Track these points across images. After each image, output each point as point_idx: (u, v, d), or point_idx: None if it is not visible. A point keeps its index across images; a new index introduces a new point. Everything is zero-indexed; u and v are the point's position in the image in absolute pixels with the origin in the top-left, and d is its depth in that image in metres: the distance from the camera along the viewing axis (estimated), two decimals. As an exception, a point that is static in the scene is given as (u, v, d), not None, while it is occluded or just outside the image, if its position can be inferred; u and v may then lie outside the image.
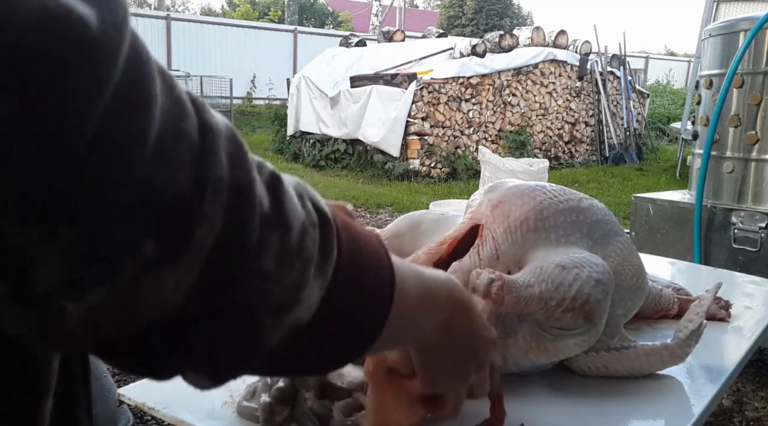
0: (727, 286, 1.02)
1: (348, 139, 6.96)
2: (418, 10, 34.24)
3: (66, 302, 0.25)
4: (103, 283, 0.25)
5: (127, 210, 0.25)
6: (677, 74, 16.54)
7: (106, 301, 0.25)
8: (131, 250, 0.25)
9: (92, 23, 0.22)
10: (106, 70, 0.23)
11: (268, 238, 0.30)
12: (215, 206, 0.27)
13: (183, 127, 0.27)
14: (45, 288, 0.24)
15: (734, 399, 2.08)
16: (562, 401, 0.71)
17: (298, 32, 14.55)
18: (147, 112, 0.25)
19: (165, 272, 0.27)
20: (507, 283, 0.64)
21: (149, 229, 0.25)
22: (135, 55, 0.25)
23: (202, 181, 0.27)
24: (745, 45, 2.22)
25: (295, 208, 0.33)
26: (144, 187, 0.25)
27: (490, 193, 0.79)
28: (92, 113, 0.23)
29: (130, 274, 0.25)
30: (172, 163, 0.26)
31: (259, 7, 24.39)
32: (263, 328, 0.32)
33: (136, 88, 0.24)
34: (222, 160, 0.28)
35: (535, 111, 7.55)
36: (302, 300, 0.33)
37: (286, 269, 0.32)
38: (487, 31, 15.92)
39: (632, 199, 2.61)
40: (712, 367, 0.82)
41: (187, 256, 0.27)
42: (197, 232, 0.27)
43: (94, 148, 0.23)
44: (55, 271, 0.24)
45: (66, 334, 0.26)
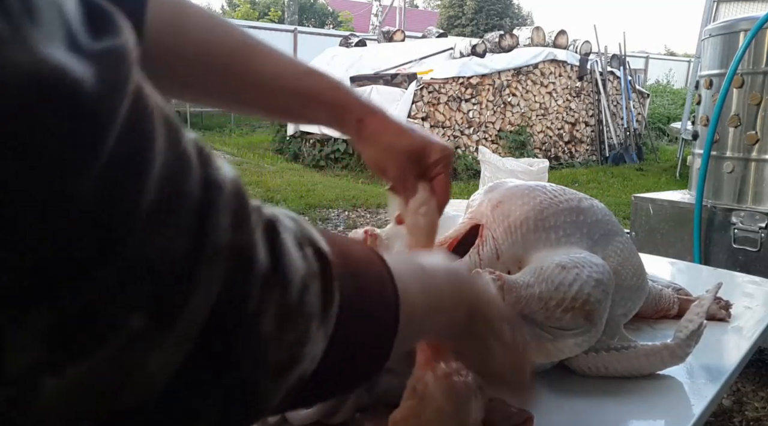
0: (727, 286, 1.02)
1: (348, 139, 6.95)
2: (418, 10, 34.24)
3: (44, 379, 0.23)
4: (83, 360, 0.23)
5: (116, 287, 0.23)
6: (677, 74, 16.53)
7: (86, 376, 0.23)
8: (116, 325, 0.23)
9: (87, 86, 0.21)
10: (99, 137, 0.21)
11: (266, 299, 0.28)
12: (212, 274, 0.25)
13: (184, 187, 0.25)
14: (18, 369, 0.22)
15: (734, 399, 2.08)
16: (562, 401, 0.71)
17: (298, 32, 14.54)
18: (144, 178, 0.23)
19: (153, 346, 0.24)
20: (507, 283, 0.64)
21: (138, 303, 0.23)
22: (135, 114, 0.23)
23: (198, 247, 0.25)
24: (745, 45, 2.22)
25: (295, 260, 0.30)
26: (136, 262, 0.23)
27: (490, 193, 0.79)
28: (83, 185, 0.21)
29: (114, 349, 0.23)
30: (168, 230, 0.24)
31: (259, 7, 24.38)
32: (265, 392, 0.30)
33: (133, 152, 0.22)
34: (223, 222, 0.26)
35: (535, 111, 7.56)
36: (305, 356, 0.31)
37: (288, 328, 0.30)
38: (487, 31, 15.92)
39: (632, 199, 2.61)
40: (712, 367, 0.82)
41: (178, 329, 0.25)
42: (189, 303, 0.25)
43: (82, 225, 0.21)
44: (28, 353, 0.22)
45: (43, 409, 0.24)
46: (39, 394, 0.23)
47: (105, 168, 0.21)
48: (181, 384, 0.26)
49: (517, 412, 0.62)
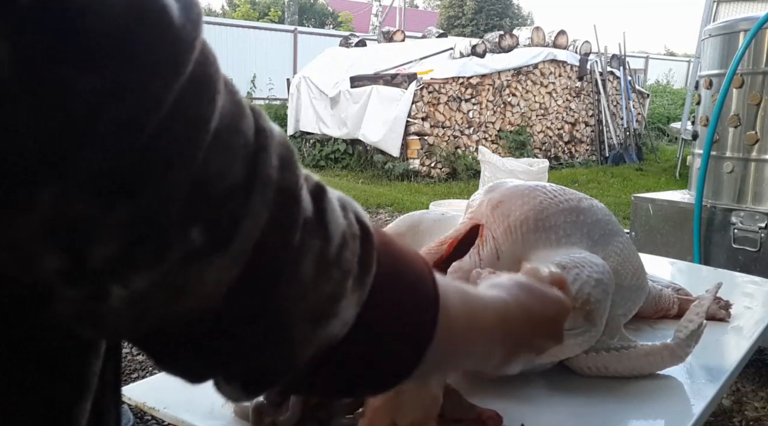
0: (727, 286, 1.02)
1: (348, 139, 6.96)
2: (418, 10, 34.24)
3: (112, 286, 0.25)
4: (150, 267, 0.26)
5: (181, 193, 0.25)
6: (677, 74, 16.53)
7: (150, 286, 0.26)
8: (180, 233, 0.26)
9: (174, 15, 0.24)
10: (182, 59, 0.25)
11: (308, 243, 0.30)
12: (262, 203, 0.28)
13: (240, 126, 0.28)
14: (97, 265, 0.25)
15: (734, 399, 2.08)
16: (562, 401, 0.71)
17: (298, 32, 14.55)
18: (212, 104, 0.26)
19: (209, 261, 0.27)
20: (507, 283, 0.64)
21: (198, 215, 0.26)
22: (204, 54, 0.26)
23: (252, 177, 0.28)
24: (745, 45, 2.22)
25: (338, 217, 0.33)
26: (199, 174, 0.26)
27: (490, 193, 0.79)
28: (167, 96, 0.24)
29: (176, 259, 0.26)
30: (227, 155, 0.27)
31: (259, 7, 24.39)
32: (298, 337, 0.32)
33: (204, 81, 0.26)
34: (273, 161, 0.29)
35: (535, 111, 7.56)
36: (338, 313, 0.32)
37: (324, 278, 0.31)
38: (487, 31, 15.92)
39: (632, 199, 2.61)
40: (712, 367, 0.82)
41: (231, 248, 0.27)
42: (243, 225, 0.27)
43: (163, 130, 0.24)
44: (109, 246, 0.24)
45: (110, 319, 0.26)
46: (108, 298, 0.26)
47: (186, 84, 0.25)
48: (228, 308, 0.29)
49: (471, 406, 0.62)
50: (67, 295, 0.25)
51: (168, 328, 0.29)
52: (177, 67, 0.24)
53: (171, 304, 0.27)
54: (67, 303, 0.26)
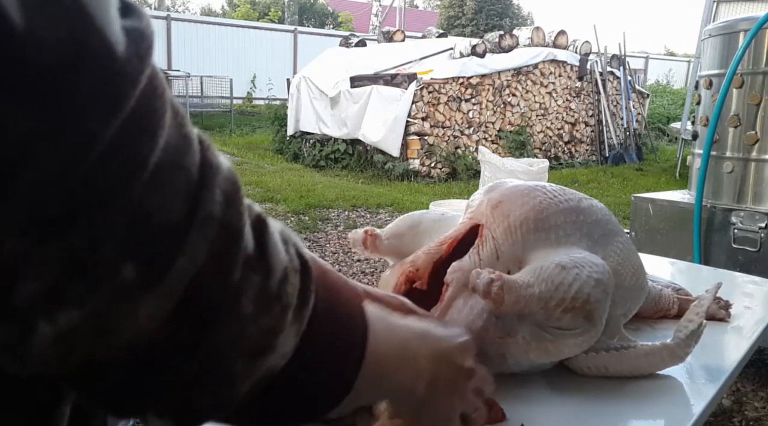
0: (727, 286, 1.02)
1: (348, 139, 6.95)
2: (418, 10, 34.23)
3: (39, 322, 0.25)
4: (77, 304, 0.25)
5: (115, 231, 0.25)
6: (677, 74, 16.53)
7: (77, 323, 0.25)
8: (111, 271, 0.25)
9: (119, 50, 0.24)
10: (123, 95, 0.24)
11: (249, 279, 0.31)
12: (201, 241, 0.28)
13: (184, 161, 0.27)
14: (23, 302, 0.24)
15: (734, 399, 2.08)
16: (562, 401, 0.71)
17: (298, 32, 14.55)
18: (153, 140, 0.26)
19: (140, 298, 0.26)
20: (507, 283, 0.64)
21: (131, 253, 0.26)
22: (151, 87, 0.26)
23: (192, 214, 0.27)
24: (745, 45, 2.22)
25: (279, 252, 0.33)
26: (135, 211, 0.25)
27: (490, 193, 0.79)
28: (104, 133, 0.24)
29: (105, 296, 0.26)
30: (166, 192, 0.26)
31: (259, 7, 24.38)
32: (236, 372, 0.32)
33: (146, 117, 0.25)
34: (216, 198, 0.29)
35: (535, 111, 7.56)
36: (277, 346, 0.33)
37: (265, 313, 0.32)
38: (487, 31, 15.92)
39: (632, 199, 2.61)
40: (712, 367, 0.82)
41: (164, 285, 0.27)
42: (178, 263, 0.27)
43: (98, 168, 0.24)
44: (36, 283, 0.24)
45: (36, 355, 0.26)
46: (34, 336, 0.25)
47: (127, 120, 0.24)
48: (161, 345, 0.28)
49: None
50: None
51: (95, 364, 0.28)
52: (117, 103, 0.24)
53: (99, 340, 0.27)
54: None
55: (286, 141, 7.84)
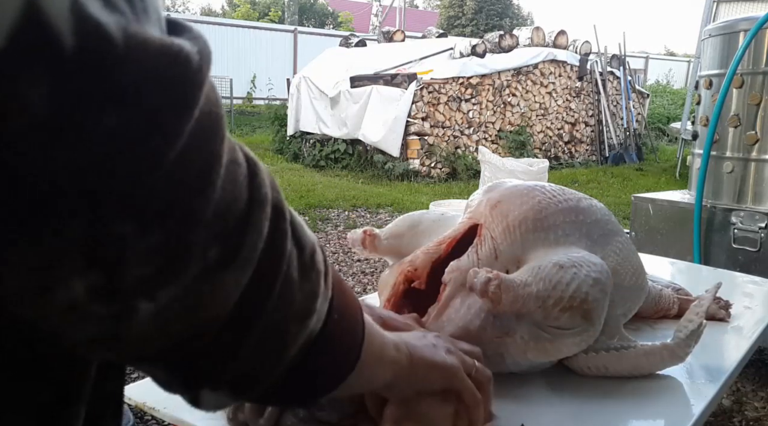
0: (727, 286, 1.01)
1: (348, 139, 6.95)
2: (418, 10, 34.23)
3: (140, 302, 0.28)
4: (173, 283, 0.28)
5: (205, 218, 0.28)
6: (677, 74, 16.53)
7: (174, 299, 0.29)
8: (201, 253, 0.29)
9: (193, 59, 0.27)
10: (196, 96, 0.27)
11: (293, 251, 0.36)
12: (262, 220, 0.32)
13: (238, 158, 0.32)
14: (129, 284, 0.27)
15: (734, 399, 2.08)
16: (562, 401, 0.71)
17: (298, 32, 14.55)
18: (220, 137, 0.29)
19: (223, 275, 0.30)
20: (504, 282, 0.64)
21: (217, 237, 0.29)
22: (212, 89, 0.29)
23: (253, 198, 0.32)
24: (745, 45, 2.22)
25: (305, 229, 0.38)
26: (218, 201, 0.29)
27: (489, 192, 0.79)
28: (183, 131, 0.27)
29: (196, 275, 0.29)
30: (235, 184, 0.31)
31: (259, 7, 24.39)
32: (289, 335, 0.36)
33: (212, 116, 0.29)
34: (266, 183, 0.33)
35: (535, 111, 7.56)
36: (316, 309, 0.38)
37: (306, 279, 0.37)
38: (487, 31, 15.91)
39: (632, 199, 2.60)
40: (712, 367, 0.82)
41: (242, 260, 0.31)
42: (248, 240, 0.31)
43: (183, 161, 0.27)
44: (141, 267, 0.27)
45: (134, 335, 0.29)
46: (137, 316, 0.28)
47: (197, 120, 0.27)
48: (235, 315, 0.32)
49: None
50: (95, 314, 0.27)
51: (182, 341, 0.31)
52: (193, 103, 0.27)
53: (190, 316, 0.30)
54: (92, 325, 0.27)
55: (286, 141, 7.84)
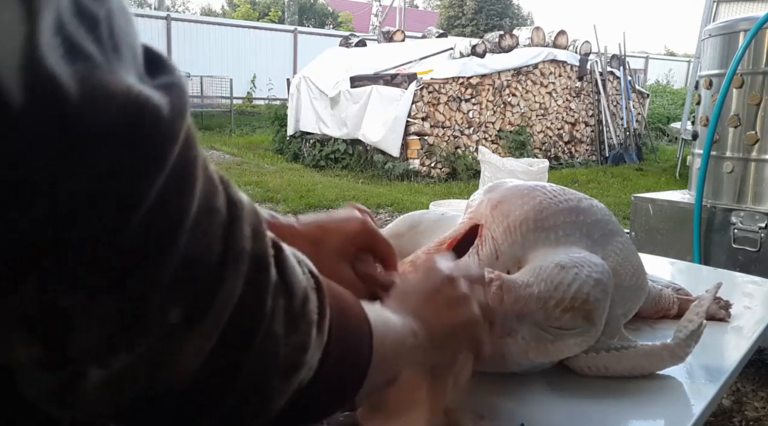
0: (727, 286, 1.02)
1: (348, 139, 6.95)
2: (418, 10, 34.23)
3: (90, 368, 0.26)
4: (126, 349, 0.26)
5: (164, 281, 0.26)
6: (677, 74, 16.53)
7: (128, 366, 0.27)
8: (160, 317, 0.27)
9: (164, 110, 0.25)
10: (168, 154, 0.25)
11: (277, 304, 0.33)
12: (236, 276, 0.30)
13: (215, 204, 0.29)
14: (76, 353, 0.25)
15: (734, 399, 2.08)
16: (562, 401, 0.71)
17: (298, 32, 14.54)
18: (192, 190, 0.27)
19: (186, 337, 0.28)
20: (506, 283, 0.64)
21: (179, 298, 0.27)
22: (188, 139, 0.27)
23: (227, 252, 0.29)
24: (745, 45, 2.22)
25: (298, 274, 0.35)
26: (181, 259, 0.27)
27: (490, 193, 0.79)
28: (149, 193, 0.25)
29: (154, 340, 0.27)
30: (206, 237, 0.28)
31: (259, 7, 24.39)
32: (273, 391, 0.34)
33: (186, 169, 0.27)
34: (246, 233, 0.30)
35: (535, 111, 7.55)
36: (306, 361, 0.35)
37: (293, 332, 0.34)
38: (487, 31, 15.92)
39: (632, 199, 2.61)
40: (712, 367, 0.82)
41: (207, 323, 0.29)
42: (218, 300, 0.29)
43: (147, 223, 0.25)
44: (90, 335, 0.25)
45: (85, 399, 0.27)
46: (85, 381, 0.26)
47: (169, 176, 0.25)
48: (206, 375, 0.30)
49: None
50: (41, 378, 0.26)
51: (144, 402, 0.29)
52: (162, 162, 0.25)
53: (148, 380, 0.28)
54: (40, 385, 0.26)
55: (286, 141, 7.84)
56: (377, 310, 0.47)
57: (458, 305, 0.53)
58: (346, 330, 0.41)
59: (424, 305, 0.52)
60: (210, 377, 0.30)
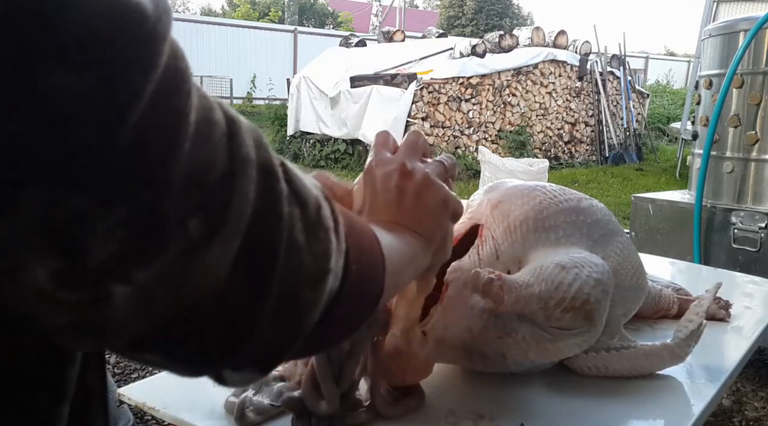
0: (727, 286, 1.02)
1: (348, 139, 6.95)
2: (418, 10, 34.23)
3: (114, 285, 0.25)
4: (150, 261, 0.26)
5: (175, 186, 0.26)
6: (677, 74, 16.53)
7: (152, 281, 0.26)
8: (178, 227, 0.26)
9: (149, 10, 0.24)
10: (156, 53, 0.25)
11: (293, 212, 0.32)
12: (248, 183, 0.29)
13: (213, 116, 0.28)
14: (96, 264, 0.24)
15: (734, 399, 2.08)
16: (562, 401, 0.71)
17: (298, 32, 14.54)
18: (189, 95, 0.27)
19: (208, 248, 0.27)
20: (507, 283, 0.64)
21: (195, 206, 0.27)
22: (175, 46, 0.27)
23: (234, 161, 0.29)
24: (745, 45, 2.22)
25: (306, 184, 0.35)
26: (188, 166, 0.26)
27: (490, 193, 0.79)
28: (145, 87, 0.24)
29: (176, 252, 0.26)
30: (209, 145, 0.27)
31: (259, 7, 24.39)
32: (306, 302, 0.34)
33: (177, 74, 0.26)
34: (248, 143, 0.30)
35: (535, 111, 7.56)
36: (332, 268, 0.35)
37: (314, 240, 0.33)
38: (487, 31, 15.92)
39: (632, 199, 2.61)
40: (712, 367, 0.82)
41: (227, 230, 0.28)
42: (234, 207, 0.28)
43: (146, 122, 0.24)
44: (108, 244, 0.24)
45: (114, 322, 0.26)
46: (111, 299, 0.25)
47: (162, 76, 0.25)
48: (235, 290, 0.29)
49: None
50: (64, 301, 0.25)
51: (174, 323, 0.28)
52: (153, 60, 0.24)
53: (175, 296, 0.27)
54: (65, 311, 0.25)
55: (286, 141, 7.84)
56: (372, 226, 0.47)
57: (425, 188, 0.54)
58: (358, 236, 0.40)
59: (397, 210, 0.52)
60: (238, 294, 0.30)
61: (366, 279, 0.41)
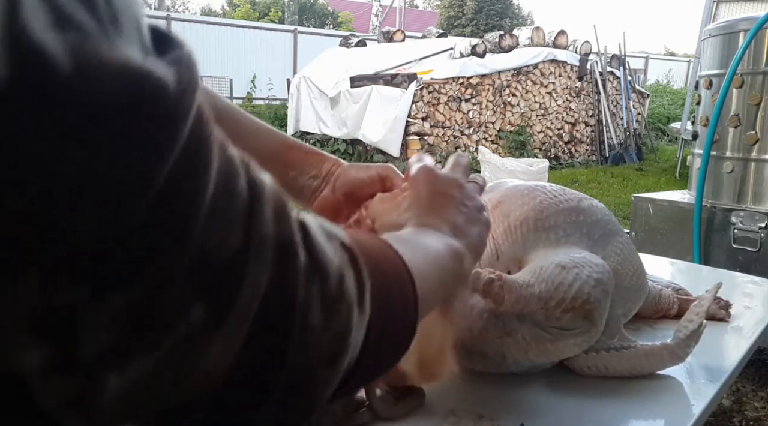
0: (727, 286, 1.02)
1: (348, 139, 6.96)
2: (418, 10, 34.24)
3: (109, 374, 0.24)
4: (148, 353, 0.24)
5: (179, 274, 0.24)
6: (677, 74, 16.53)
7: (148, 371, 0.24)
8: (179, 314, 0.24)
9: (170, 85, 0.23)
10: (176, 133, 0.23)
11: (311, 290, 0.30)
12: (261, 264, 0.27)
13: (234, 186, 0.26)
14: (89, 357, 0.23)
15: (734, 399, 2.08)
16: (562, 401, 0.71)
17: (298, 32, 14.53)
18: (207, 172, 0.25)
19: (212, 336, 0.26)
20: (507, 283, 0.64)
21: (198, 292, 0.25)
22: (200, 116, 0.24)
23: (249, 239, 0.26)
24: (745, 45, 2.22)
25: (327, 252, 0.32)
26: (198, 250, 0.24)
27: (490, 193, 0.79)
28: (158, 176, 0.22)
29: (177, 342, 0.24)
30: (224, 222, 0.25)
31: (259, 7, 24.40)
32: (318, 382, 0.32)
33: (198, 151, 0.24)
34: (268, 217, 0.28)
35: (535, 111, 7.56)
36: (350, 344, 0.33)
37: (333, 317, 0.31)
38: (487, 31, 15.92)
39: (632, 199, 2.61)
40: (712, 367, 0.82)
41: (233, 317, 0.26)
42: (243, 292, 0.26)
43: (156, 209, 0.22)
44: (102, 337, 0.23)
45: (104, 409, 0.24)
46: (103, 390, 0.24)
47: (179, 156, 0.23)
48: (240, 377, 0.27)
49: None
50: (56, 386, 0.23)
51: (172, 411, 0.27)
52: (169, 141, 0.23)
53: (173, 386, 0.26)
54: (56, 394, 0.24)
55: (286, 141, 7.84)
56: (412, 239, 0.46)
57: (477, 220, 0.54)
58: (388, 292, 0.38)
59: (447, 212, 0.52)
60: (245, 378, 0.28)
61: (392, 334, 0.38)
